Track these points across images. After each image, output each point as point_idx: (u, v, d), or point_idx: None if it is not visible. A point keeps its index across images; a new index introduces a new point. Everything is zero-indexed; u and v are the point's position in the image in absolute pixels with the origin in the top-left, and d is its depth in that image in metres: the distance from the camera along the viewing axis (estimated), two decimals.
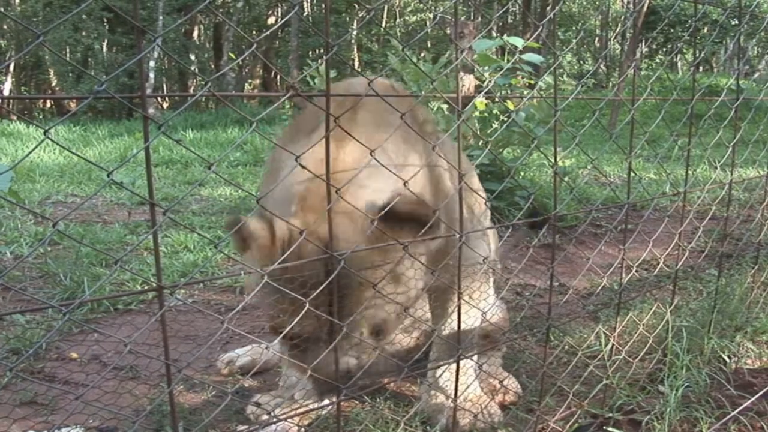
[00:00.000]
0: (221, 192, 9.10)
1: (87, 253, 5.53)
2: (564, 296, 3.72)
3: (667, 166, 8.82)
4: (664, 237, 4.45)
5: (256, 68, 33.55)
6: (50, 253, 5.66)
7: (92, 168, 11.02)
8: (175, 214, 7.19)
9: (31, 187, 9.33)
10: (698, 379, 3.06)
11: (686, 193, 3.20)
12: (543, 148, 6.65)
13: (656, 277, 4.90)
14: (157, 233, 1.44)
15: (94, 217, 7.54)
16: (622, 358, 3.08)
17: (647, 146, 11.26)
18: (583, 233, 6.31)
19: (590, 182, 8.93)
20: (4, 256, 5.59)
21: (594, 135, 15.80)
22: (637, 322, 3.25)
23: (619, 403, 2.98)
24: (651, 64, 31.70)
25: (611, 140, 2.87)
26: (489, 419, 2.92)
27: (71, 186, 9.66)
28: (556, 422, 2.78)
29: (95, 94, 1.35)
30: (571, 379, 3.01)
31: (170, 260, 5.54)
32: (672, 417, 2.77)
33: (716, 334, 3.46)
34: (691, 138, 3.17)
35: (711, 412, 2.87)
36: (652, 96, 3.33)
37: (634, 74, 3.20)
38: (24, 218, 7.07)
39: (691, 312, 3.73)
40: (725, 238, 3.86)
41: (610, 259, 5.36)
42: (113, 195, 8.82)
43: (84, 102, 1.45)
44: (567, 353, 3.56)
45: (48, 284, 4.89)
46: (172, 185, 10.02)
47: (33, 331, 4.05)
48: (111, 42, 28.93)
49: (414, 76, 6.16)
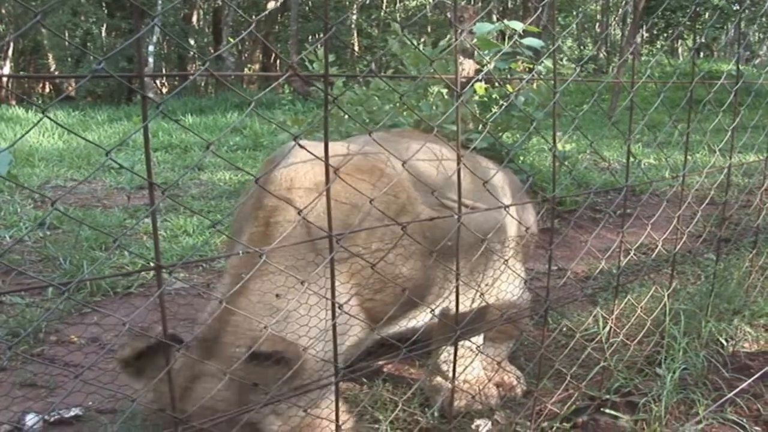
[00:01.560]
0: (220, 176, 9.09)
1: (86, 237, 5.54)
2: (562, 279, 3.72)
3: (666, 152, 8.81)
4: (662, 222, 4.46)
5: (255, 53, 33.45)
6: (50, 237, 5.67)
7: (91, 153, 11.01)
8: (175, 198, 7.19)
9: (31, 172, 9.31)
10: (695, 362, 3.07)
11: (685, 177, 3.20)
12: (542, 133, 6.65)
13: (654, 261, 4.91)
14: (156, 213, 1.44)
15: (94, 202, 7.54)
16: (620, 340, 3.09)
17: (647, 131, 11.25)
18: (581, 217, 6.31)
19: (590, 167, 8.92)
20: (4, 239, 5.59)
21: (594, 120, 15.77)
22: (635, 305, 3.26)
23: (617, 385, 2.99)
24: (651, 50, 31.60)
25: (611, 124, 2.87)
26: (486, 401, 2.94)
27: (70, 170, 9.65)
28: (553, 404, 2.80)
29: (94, 73, 1.35)
30: (568, 362, 3.02)
31: (169, 244, 5.55)
32: (669, 399, 2.78)
33: (714, 317, 3.47)
34: (691, 123, 3.17)
35: (708, 394, 2.88)
36: (651, 80, 3.33)
37: (633, 58, 3.20)
38: (23, 202, 7.08)
39: (689, 296, 3.74)
40: (724, 222, 3.86)
41: (608, 243, 5.37)
42: (112, 179, 8.81)
43: (83, 81, 1.45)
44: (565, 336, 3.57)
45: (47, 268, 4.90)
46: (171, 169, 10.01)
47: (32, 313, 4.06)
48: (110, 26, 28.81)
49: (414, 60, 6.14)
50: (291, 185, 2.38)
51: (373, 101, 6.10)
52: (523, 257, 3.36)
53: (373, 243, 2.39)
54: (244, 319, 2.09)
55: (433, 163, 2.83)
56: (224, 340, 2.04)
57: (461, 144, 2.16)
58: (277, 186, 2.43)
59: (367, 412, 2.84)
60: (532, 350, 3.53)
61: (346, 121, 6.13)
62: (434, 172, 2.76)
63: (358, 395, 3.05)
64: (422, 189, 2.69)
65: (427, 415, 2.84)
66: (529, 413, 2.74)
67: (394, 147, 2.82)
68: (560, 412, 2.79)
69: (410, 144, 2.83)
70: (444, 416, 2.84)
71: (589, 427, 2.77)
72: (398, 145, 2.81)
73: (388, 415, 2.77)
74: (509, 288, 3.02)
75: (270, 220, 2.34)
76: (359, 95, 6.15)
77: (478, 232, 2.41)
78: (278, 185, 2.43)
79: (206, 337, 2.03)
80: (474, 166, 2.96)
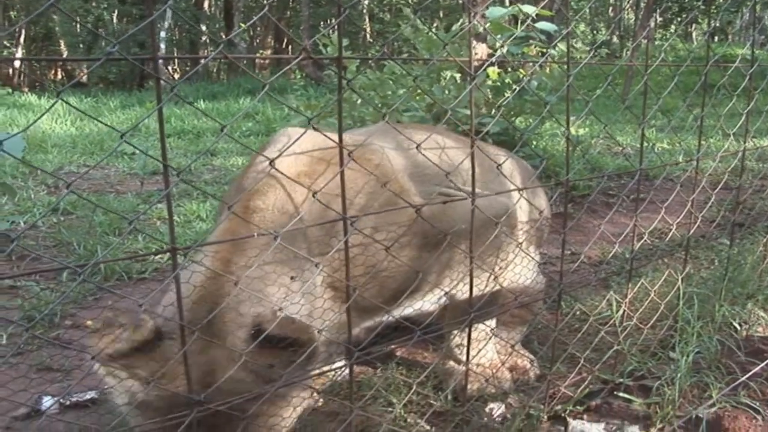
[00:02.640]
0: (233, 162, 9.11)
1: (100, 222, 5.56)
2: (575, 264, 3.72)
3: (680, 136, 8.77)
4: (676, 206, 4.44)
5: (267, 39, 33.41)
6: (63, 222, 5.70)
7: (104, 139, 11.03)
8: (188, 182, 7.21)
9: (44, 158, 9.35)
10: (709, 346, 3.07)
11: (699, 161, 3.19)
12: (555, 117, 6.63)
13: (668, 246, 4.90)
14: (171, 195, 1.45)
15: (107, 187, 7.57)
16: (633, 324, 3.09)
17: (660, 116, 11.19)
18: (595, 202, 6.29)
19: (603, 152, 8.88)
20: (18, 225, 5.62)
21: (607, 105, 15.70)
22: (649, 288, 3.25)
23: (630, 368, 2.99)
24: (665, 34, 31.39)
25: (624, 107, 2.86)
26: (499, 385, 2.94)
27: (83, 156, 9.68)
28: (567, 387, 2.80)
29: (108, 56, 1.35)
30: (582, 346, 3.02)
31: (183, 229, 5.57)
32: (682, 382, 2.78)
33: (727, 301, 3.46)
34: (705, 107, 3.15)
35: (721, 378, 2.88)
36: (666, 63, 3.31)
37: (647, 41, 3.18)
38: (37, 188, 7.11)
39: (703, 280, 3.73)
40: (738, 206, 3.85)
41: (622, 228, 5.35)
42: (125, 165, 8.84)
43: (96, 63, 1.45)
44: (578, 320, 3.57)
45: (62, 253, 4.93)
46: (184, 155, 10.03)
47: (47, 297, 4.08)
48: (121, 12, 28.86)
49: (426, 44, 6.13)
50: (274, 174, 2.35)
51: (386, 86, 6.10)
52: (536, 242, 3.36)
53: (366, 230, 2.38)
54: (247, 299, 2.08)
55: (435, 153, 2.82)
56: (225, 320, 2.01)
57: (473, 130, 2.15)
58: (260, 173, 2.43)
59: (380, 395, 2.85)
60: (545, 334, 3.54)
61: (359, 106, 6.13)
62: (435, 161, 2.75)
63: (371, 378, 3.06)
64: (418, 179, 2.69)
65: (440, 398, 2.85)
66: (542, 396, 2.75)
67: (395, 138, 2.82)
68: (573, 395, 2.79)
69: (412, 135, 2.83)
70: (457, 399, 2.85)
71: (602, 411, 2.77)
72: (399, 136, 2.80)
73: (402, 398, 2.78)
74: (521, 272, 3.02)
75: (249, 204, 2.33)
76: (372, 80, 6.15)
77: (481, 218, 2.40)
78: (262, 172, 2.42)
79: (196, 318, 1.99)
80: (480, 154, 2.96)
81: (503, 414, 2.75)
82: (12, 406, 2.90)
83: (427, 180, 2.71)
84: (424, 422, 2.67)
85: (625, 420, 2.69)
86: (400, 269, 2.50)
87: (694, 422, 2.61)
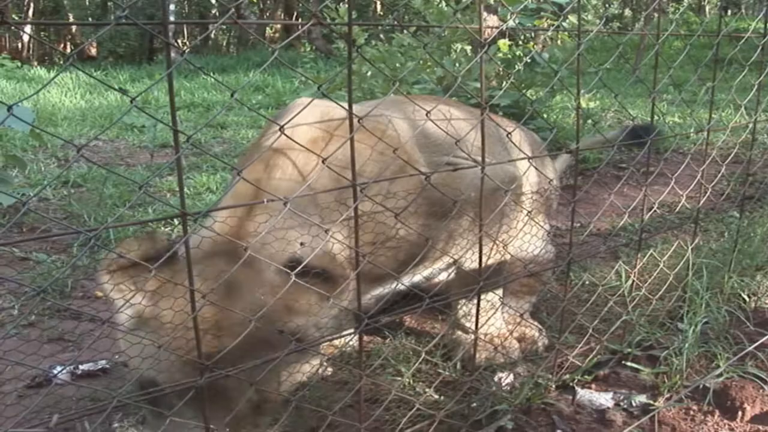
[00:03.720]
0: (243, 134, 9.11)
1: (110, 194, 5.59)
2: (584, 234, 3.72)
3: (691, 108, 8.72)
4: (686, 179, 4.42)
5: (276, 12, 33.26)
6: (74, 195, 5.72)
7: (114, 112, 11.04)
8: (198, 157, 7.22)
9: (53, 131, 9.35)
10: (717, 316, 3.07)
11: (709, 133, 3.17)
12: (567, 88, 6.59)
13: (678, 218, 4.89)
14: (181, 159, 1.46)
15: (117, 160, 7.59)
16: (642, 295, 3.09)
17: (671, 90, 11.12)
18: (605, 175, 6.28)
19: (613, 125, 8.84)
20: (29, 197, 5.64)
21: (618, 79, 15.60)
22: (658, 259, 3.25)
23: (638, 339, 3.00)
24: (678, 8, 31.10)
25: (634, 77, 2.84)
26: (507, 354, 2.96)
27: (93, 130, 9.69)
28: (575, 357, 2.81)
29: (118, 20, 1.35)
30: (590, 316, 3.03)
31: (193, 201, 5.58)
32: (690, 352, 2.79)
33: (736, 273, 3.46)
34: (716, 81, 3.13)
35: (729, 348, 2.89)
36: (677, 33, 3.29)
37: (659, 12, 3.16)
38: (47, 161, 7.13)
39: (712, 251, 3.73)
40: (747, 179, 3.83)
41: (631, 201, 5.34)
42: (135, 138, 8.85)
43: (106, 28, 1.45)
44: (587, 291, 3.57)
45: (72, 224, 4.95)
46: (194, 127, 10.03)
47: (58, 269, 4.11)
48: None
49: (437, 15, 6.11)
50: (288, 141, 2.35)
51: (396, 58, 6.08)
52: (545, 212, 3.36)
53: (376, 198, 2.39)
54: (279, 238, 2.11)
55: (442, 124, 2.82)
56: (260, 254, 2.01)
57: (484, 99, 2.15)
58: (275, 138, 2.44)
59: (389, 364, 2.87)
60: (553, 304, 3.54)
61: (369, 78, 6.12)
62: (442, 132, 2.75)
63: (380, 347, 3.08)
64: (426, 149, 2.69)
65: (449, 367, 2.87)
66: (550, 366, 2.76)
67: (403, 109, 2.81)
68: (582, 364, 2.81)
69: (420, 105, 2.84)
70: (466, 368, 2.87)
71: (610, 380, 2.78)
72: (407, 108, 2.80)
73: (411, 367, 2.79)
74: (529, 241, 3.02)
75: (269, 162, 2.35)
76: (382, 52, 6.13)
77: (488, 186, 2.40)
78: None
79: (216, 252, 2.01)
80: (489, 123, 2.95)
81: (511, 383, 2.76)
82: (23, 373, 2.93)
83: (436, 150, 2.71)
84: (432, 391, 2.69)
85: (632, 389, 2.71)
86: (409, 237, 2.51)
87: (701, 392, 2.62)
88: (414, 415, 2.35)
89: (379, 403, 2.55)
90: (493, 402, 2.58)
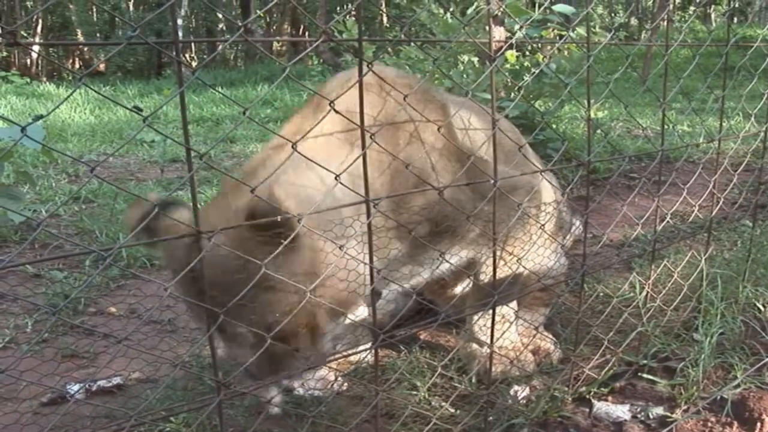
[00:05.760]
0: (252, 148, 9.12)
1: (121, 209, 5.59)
2: (597, 246, 3.70)
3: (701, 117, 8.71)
4: (697, 189, 4.40)
5: (283, 25, 33.39)
6: (85, 210, 5.73)
7: (123, 127, 11.09)
8: (208, 171, 7.24)
9: (63, 147, 9.39)
10: (733, 327, 3.05)
11: (720, 142, 3.16)
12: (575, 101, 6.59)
13: (690, 227, 4.87)
14: (194, 177, 1.45)
15: (127, 175, 7.61)
16: (657, 306, 3.07)
17: (681, 99, 11.10)
18: (616, 185, 6.26)
19: (623, 135, 8.83)
20: (40, 214, 5.66)
21: (626, 88, 15.60)
22: (672, 270, 3.23)
23: (654, 350, 2.98)
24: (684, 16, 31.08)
25: (644, 88, 2.83)
26: (522, 367, 2.94)
27: (103, 145, 9.72)
28: (591, 369, 2.79)
29: (128, 40, 1.36)
30: (605, 328, 3.01)
31: None
32: (706, 363, 2.77)
33: (751, 282, 3.43)
34: (725, 89, 3.12)
35: (745, 358, 2.87)
36: (686, 43, 3.28)
37: (667, 21, 3.15)
38: (58, 177, 7.15)
39: (726, 261, 3.70)
40: (760, 188, 3.81)
41: (643, 211, 5.33)
42: (145, 153, 8.88)
43: (117, 48, 1.45)
44: (601, 302, 3.55)
45: (84, 241, 4.96)
46: (203, 142, 10.07)
47: (71, 286, 4.11)
48: (137, 0, 28.91)
49: (443, 28, 6.12)
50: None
51: (404, 71, 6.08)
52: (557, 224, 3.35)
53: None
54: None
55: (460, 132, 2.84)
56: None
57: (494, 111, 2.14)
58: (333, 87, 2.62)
59: (405, 378, 2.85)
60: (568, 317, 3.53)
61: None
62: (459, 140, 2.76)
63: (396, 362, 3.07)
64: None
65: (464, 381, 2.85)
66: (566, 378, 2.74)
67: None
68: (598, 377, 2.79)
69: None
70: (482, 382, 2.85)
71: (626, 392, 2.76)
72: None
73: (426, 381, 2.78)
74: (540, 253, 3.01)
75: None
76: (390, 65, 6.13)
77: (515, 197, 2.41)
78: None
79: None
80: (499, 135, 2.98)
81: (527, 396, 2.75)
82: (39, 392, 2.93)
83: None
84: (448, 405, 2.68)
85: (649, 401, 2.69)
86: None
87: (718, 403, 2.60)
88: (431, 429, 2.34)
89: (395, 418, 2.54)
90: (509, 416, 2.56)
